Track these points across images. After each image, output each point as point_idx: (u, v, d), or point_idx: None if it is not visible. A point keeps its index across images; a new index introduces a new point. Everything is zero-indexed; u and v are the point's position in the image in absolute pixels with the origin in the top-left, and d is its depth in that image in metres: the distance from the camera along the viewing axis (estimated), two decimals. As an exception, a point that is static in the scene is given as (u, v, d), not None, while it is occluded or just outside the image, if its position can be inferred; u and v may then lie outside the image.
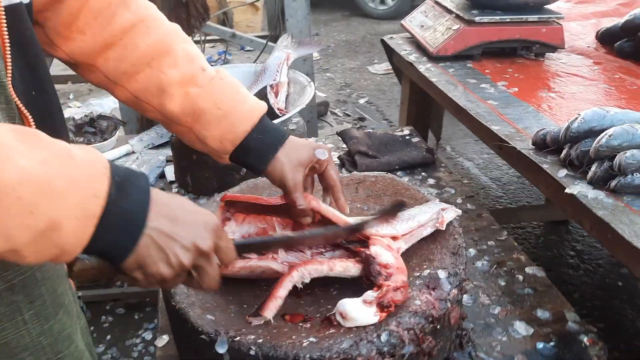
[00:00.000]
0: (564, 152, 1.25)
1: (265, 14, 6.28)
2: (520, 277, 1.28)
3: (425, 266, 1.02)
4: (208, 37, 3.39)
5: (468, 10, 2.02)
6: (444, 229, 1.09)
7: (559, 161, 1.27)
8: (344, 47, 6.78)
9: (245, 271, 0.99)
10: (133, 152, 2.08)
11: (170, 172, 1.76)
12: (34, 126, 0.77)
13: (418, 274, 1.00)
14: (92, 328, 2.51)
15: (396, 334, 0.90)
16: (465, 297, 1.22)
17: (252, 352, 0.87)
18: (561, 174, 1.23)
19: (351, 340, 0.88)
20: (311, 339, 0.89)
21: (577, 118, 1.24)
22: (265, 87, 1.59)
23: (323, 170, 1.04)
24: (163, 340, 1.14)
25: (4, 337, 0.79)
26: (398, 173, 1.70)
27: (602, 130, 1.19)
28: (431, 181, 1.68)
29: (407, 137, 1.84)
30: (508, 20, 1.95)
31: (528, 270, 1.30)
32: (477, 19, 1.94)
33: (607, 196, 1.15)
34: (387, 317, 0.91)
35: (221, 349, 0.89)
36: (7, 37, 0.72)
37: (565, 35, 2.18)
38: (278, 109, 1.56)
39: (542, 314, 1.18)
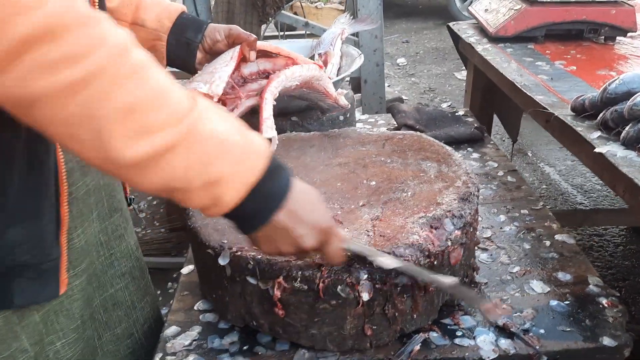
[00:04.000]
0: (601, 115, 1.21)
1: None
2: (548, 243, 1.25)
3: (432, 209, 1.03)
4: (287, 32, 3.53)
5: (533, -9, 1.98)
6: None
7: (596, 125, 1.23)
8: (432, 54, 6.75)
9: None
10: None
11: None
12: None
13: (424, 214, 1.01)
14: (158, 292, 2.70)
15: (389, 263, 0.92)
16: (484, 255, 1.21)
17: (249, 266, 0.93)
18: (594, 135, 1.19)
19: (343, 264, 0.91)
20: (306, 259, 0.93)
21: (615, 80, 1.19)
22: (313, 56, 1.66)
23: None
24: (188, 269, 1.23)
25: (79, 235, 0.95)
26: (443, 147, 1.70)
27: (642, 93, 1.14)
28: (475, 155, 1.66)
29: (457, 114, 1.83)
30: (573, 0, 1.89)
31: (558, 237, 1.26)
32: (539, -2, 1.90)
33: (638, 156, 1.10)
34: (384, 247, 0.94)
35: (223, 261, 0.96)
36: None
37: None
38: (325, 76, 1.62)
39: (563, 276, 1.14)
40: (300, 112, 1.60)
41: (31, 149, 0.78)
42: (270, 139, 1.05)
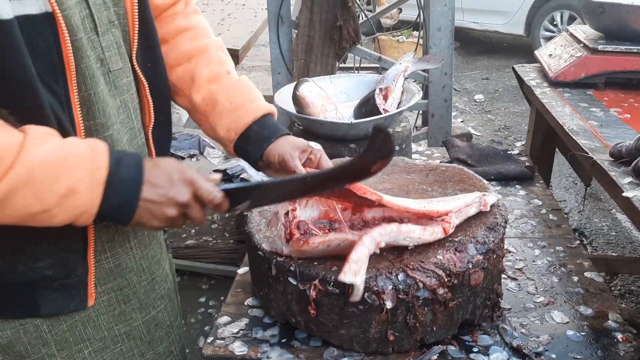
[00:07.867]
0: (634, 162, 1.28)
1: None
2: (576, 278, 1.32)
3: (459, 235, 1.15)
4: (362, 65, 3.72)
5: (596, 40, 2.04)
6: (487, 209, 1.21)
7: (629, 171, 1.30)
8: (511, 92, 6.71)
9: (323, 246, 1.07)
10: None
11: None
12: (149, 92, 1.04)
13: (451, 239, 1.13)
14: (222, 298, 2.90)
15: (412, 277, 1.05)
16: (512, 284, 1.31)
17: (292, 268, 1.09)
18: (625, 180, 1.26)
19: (371, 273, 1.05)
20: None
21: (650, 129, 1.27)
22: (374, 90, 1.81)
23: (318, 161, 1.18)
24: (244, 270, 1.40)
25: (117, 259, 1.05)
26: (492, 183, 1.79)
27: (676, 143, 1.21)
28: (522, 192, 1.74)
29: (509, 153, 1.91)
30: (635, 50, 1.94)
31: (587, 274, 1.33)
32: (600, 47, 1.96)
33: (663, 202, 1.17)
34: (411, 264, 1.06)
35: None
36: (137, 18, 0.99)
37: None
38: (383, 109, 1.77)
39: (584, 309, 1.21)
40: (358, 140, 1.76)
41: None
42: (352, 285, 0.95)
